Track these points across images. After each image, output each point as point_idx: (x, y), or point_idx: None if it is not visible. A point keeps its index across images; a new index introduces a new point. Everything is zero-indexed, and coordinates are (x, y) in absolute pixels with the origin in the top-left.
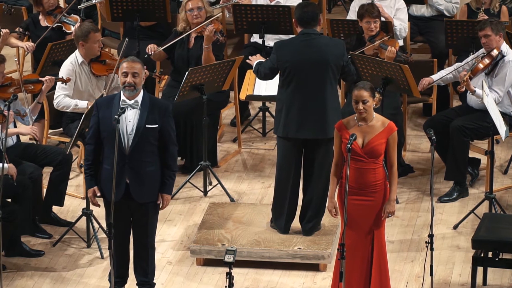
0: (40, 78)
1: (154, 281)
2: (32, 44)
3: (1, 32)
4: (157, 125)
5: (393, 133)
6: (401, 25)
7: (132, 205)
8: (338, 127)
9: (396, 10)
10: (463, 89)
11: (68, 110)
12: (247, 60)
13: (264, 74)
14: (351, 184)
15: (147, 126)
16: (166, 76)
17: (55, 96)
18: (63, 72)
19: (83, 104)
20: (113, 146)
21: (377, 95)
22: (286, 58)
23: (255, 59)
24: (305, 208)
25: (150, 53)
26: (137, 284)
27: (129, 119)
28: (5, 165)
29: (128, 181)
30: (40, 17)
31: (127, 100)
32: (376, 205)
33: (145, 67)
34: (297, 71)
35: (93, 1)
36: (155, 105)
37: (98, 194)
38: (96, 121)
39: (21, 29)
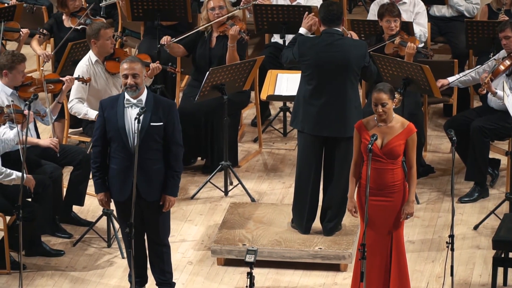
0: (60, 78)
1: (175, 280)
2: (50, 54)
3: (21, 32)
4: (162, 123)
5: (412, 135)
6: (421, 30)
7: (141, 203)
8: (358, 127)
9: (415, 14)
10: (484, 91)
11: (79, 117)
12: None
13: (285, 62)
14: (369, 184)
15: (151, 124)
16: (187, 76)
17: (69, 100)
18: (78, 72)
19: (92, 114)
20: (120, 145)
21: (397, 95)
22: (308, 56)
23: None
24: (325, 208)
25: (164, 43)
26: (156, 284)
27: (134, 118)
28: (20, 174)
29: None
30: (64, 17)
31: (131, 99)
32: (395, 206)
33: (157, 62)
34: (318, 70)
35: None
36: (159, 103)
37: (111, 201)
38: (102, 122)
39: (44, 31)
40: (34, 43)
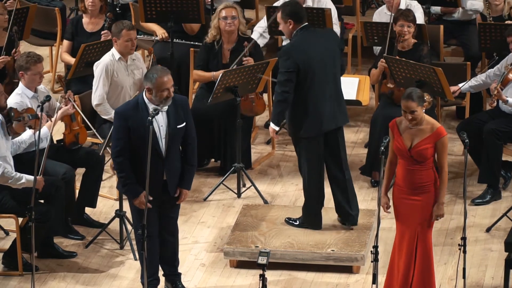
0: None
1: (187, 282)
2: None
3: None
4: (184, 123)
5: (441, 138)
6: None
7: (165, 200)
8: (391, 126)
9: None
10: (495, 104)
11: (103, 116)
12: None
13: (287, 91)
14: (400, 183)
15: (178, 127)
16: None
17: (94, 96)
18: (100, 65)
19: None
20: (147, 151)
21: (427, 98)
22: (303, 58)
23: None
24: (344, 200)
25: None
26: (166, 275)
27: (161, 124)
28: (31, 177)
29: (166, 179)
30: (84, 20)
31: (158, 108)
32: (423, 205)
33: None
34: (313, 67)
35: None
36: (177, 104)
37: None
38: (126, 132)
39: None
40: (65, 56)
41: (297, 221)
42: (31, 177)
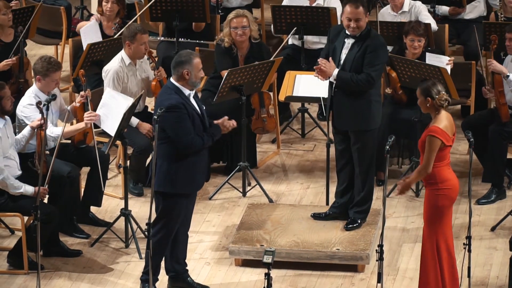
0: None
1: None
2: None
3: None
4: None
5: (428, 136)
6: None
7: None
8: None
9: (418, 16)
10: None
11: None
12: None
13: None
14: None
15: (204, 108)
16: (205, 76)
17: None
18: (110, 73)
19: (134, 121)
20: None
21: (439, 96)
22: None
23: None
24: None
25: None
26: (177, 275)
27: (196, 107)
28: (30, 188)
29: None
30: (103, 23)
31: (190, 91)
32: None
33: None
34: None
35: None
36: None
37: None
38: (188, 119)
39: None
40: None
41: (359, 221)
42: (31, 189)
